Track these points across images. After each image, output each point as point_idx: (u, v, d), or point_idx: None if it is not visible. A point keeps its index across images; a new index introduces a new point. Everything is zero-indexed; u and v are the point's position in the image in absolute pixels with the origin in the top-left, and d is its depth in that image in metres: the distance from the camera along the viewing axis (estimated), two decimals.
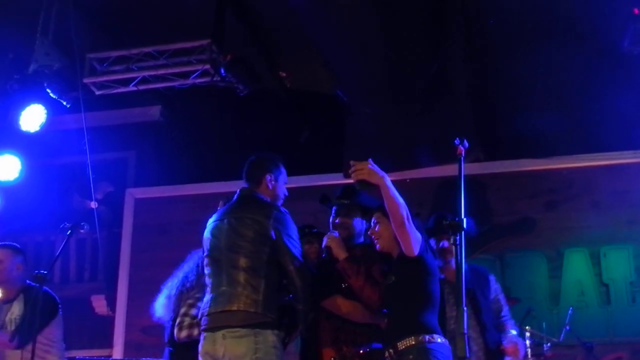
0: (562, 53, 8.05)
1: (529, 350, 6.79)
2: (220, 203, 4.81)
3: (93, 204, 9.07)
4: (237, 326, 4.11)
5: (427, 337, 4.08)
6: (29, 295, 5.53)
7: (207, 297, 4.35)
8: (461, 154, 3.62)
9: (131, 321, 9.13)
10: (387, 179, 4.12)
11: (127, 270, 9.58)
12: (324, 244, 4.56)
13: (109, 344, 9.32)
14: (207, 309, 4.29)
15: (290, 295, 4.30)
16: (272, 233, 4.24)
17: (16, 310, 5.43)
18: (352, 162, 4.15)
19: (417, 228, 4.27)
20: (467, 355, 3.16)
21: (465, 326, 3.18)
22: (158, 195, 9.74)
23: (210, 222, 4.53)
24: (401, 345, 4.11)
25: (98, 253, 9.69)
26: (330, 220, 4.73)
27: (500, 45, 8.30)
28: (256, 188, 4.52)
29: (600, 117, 8.26)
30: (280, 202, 4.56)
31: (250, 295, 4.15)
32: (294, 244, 4.29)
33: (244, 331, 4.10)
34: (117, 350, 9.13)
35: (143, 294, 8.93)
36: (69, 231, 5.32)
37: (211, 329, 4.22)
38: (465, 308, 3.21)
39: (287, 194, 4.63)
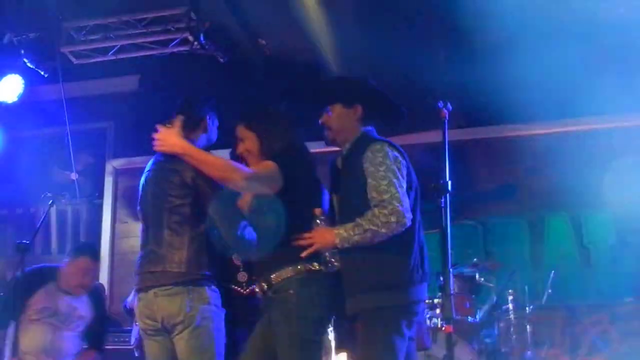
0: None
1: (511, 314, 6.89)
2: None
3: (74, 175, 9.02)
4: (169, 284, 3.88)
5: (307, 265, 3.76)
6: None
7: (139, 254, 4.12)
8: (445, 117, 3.60)
9: (113, 292, 9.11)
10: (190, 148, 3.87)
11: (108, 241, 9.55)
12: None
13: None
14: (137, 267, 4.08)
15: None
16: (192, 182, 3.94)
17: None
18: (157, 126, 4.00)
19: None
20: (454, 316, 3.17)
21: (452, 288, 3.18)
22: (138, 165, 9.65)
23: (145, 171, 4.26)
24: (276, 278, 3.81)
25: (79, 224, 9.64)
26: None
27: (481, 14, 8.28)
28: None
29: (583, 82, 8.27)
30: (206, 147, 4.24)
31: (175, 256, 3.89)
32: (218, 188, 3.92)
33: (176, 289, 3.87)
34: None
35: (124, 264, 8.97)
36: (51, 202, 5.30)
37: (143, 288, 4.00)
38: (451, 270, 3.22)
39: (217, 137, 4.35)
